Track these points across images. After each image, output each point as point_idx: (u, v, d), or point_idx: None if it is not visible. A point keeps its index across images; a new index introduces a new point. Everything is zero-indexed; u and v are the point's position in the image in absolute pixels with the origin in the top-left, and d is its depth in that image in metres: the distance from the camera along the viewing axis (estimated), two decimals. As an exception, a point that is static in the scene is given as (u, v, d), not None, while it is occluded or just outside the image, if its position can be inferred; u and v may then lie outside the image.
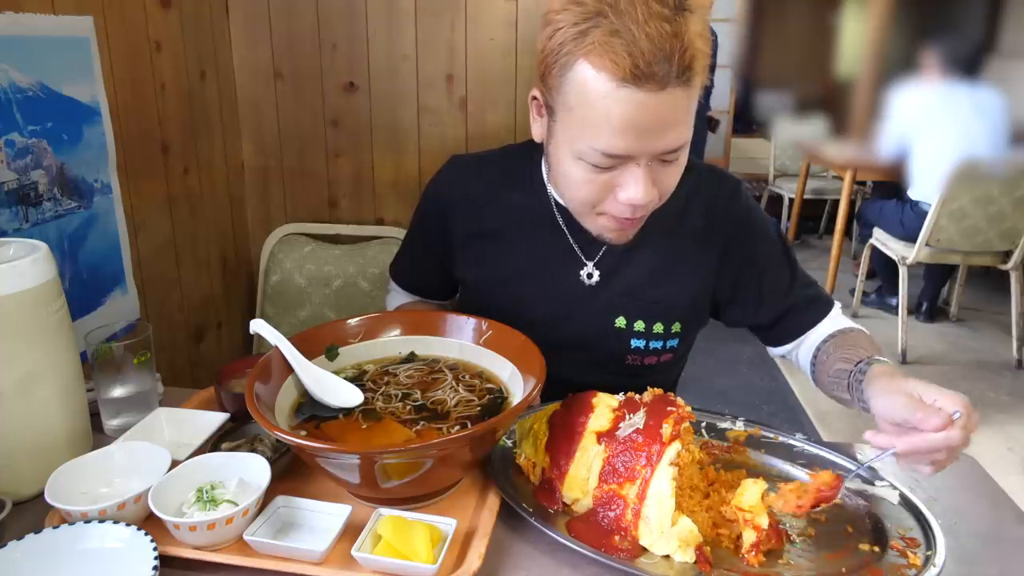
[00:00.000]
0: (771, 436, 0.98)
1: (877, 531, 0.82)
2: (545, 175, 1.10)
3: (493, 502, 0.83)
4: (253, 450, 0.88)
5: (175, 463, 0.83)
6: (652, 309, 1.09)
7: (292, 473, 0.89)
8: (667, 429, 0.80)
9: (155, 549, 0.72)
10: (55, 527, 0.75)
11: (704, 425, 1.00)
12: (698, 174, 1.09)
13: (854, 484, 0.88)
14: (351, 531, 0.76)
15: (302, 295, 1.92)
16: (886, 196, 3.65)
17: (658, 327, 1.10)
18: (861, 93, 3.55)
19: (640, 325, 1.10)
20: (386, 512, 0.78)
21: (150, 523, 0.77)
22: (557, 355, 0.90)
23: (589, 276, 1.10)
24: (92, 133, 1.35)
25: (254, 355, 1.51)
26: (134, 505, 0.78)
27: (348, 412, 0.89)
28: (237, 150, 1.93)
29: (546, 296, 1.11)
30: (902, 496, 0.86)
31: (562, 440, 0.86)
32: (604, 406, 0.87)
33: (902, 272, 3.32)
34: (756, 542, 0.78)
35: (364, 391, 0.93)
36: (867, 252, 3.66)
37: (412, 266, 1.28)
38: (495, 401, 0.91)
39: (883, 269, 3.78)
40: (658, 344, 1.11)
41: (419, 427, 0.86)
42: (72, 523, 0.76)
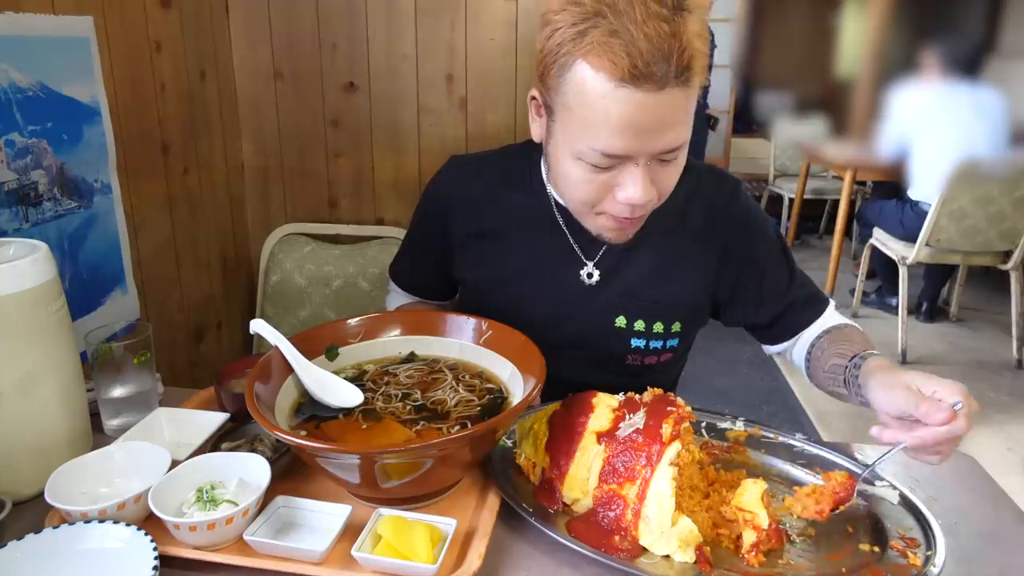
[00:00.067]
0: (771, 436, 0.98)
1: (877, 531, 0.82)
2: (545, 175, 1.10)
3: (493, 502, 0.83)
4: (253, 450, 0.88)
5: (175, 463, 0.83)
6: (652, 309, 1.09)
7: (292, 473, 0.89)
8: (667, 429, 0.80)
9: (155, 549, 0.72)
10: (55, 527, 0.75)
11: (704, 425, 1.00)
12: (697, 174, 1.09)
13: (854, 484, 0.88)
14: (351, 531, 0.76)
15: (302, 295, 1.92)
16: (886, 196, 3.65)
17: (658, 327, 1.10)
18: (861, 93, 3.55)
19: (640, 325, 1.10)
20: (386, 512, 0.78)
21: (150, 523, 0.77)
22: (557, 355, 0.91)
23: (589, 276, 1.10)
24: (92, 133, 1.35)
25: (254, 355, 1.51)
26: (134, 505, 0.78)
27: (348, 412, 0.89)
28: (237, 150, 1.93)
29: (546, 296, 1.11)
30: (902, 496, 0.86)
31: (562, 440, 0.86)
32: (604, 406, 0.87)
33: (902, 272, 3.32)
34: (756, 542, 0.78)
35: (364, 391, 0.93)
36: (867, 252, 3.66)
37: (412, 266, 1.28)
38: (495, 401, 0.91)
39: (883, 269, 3.78)
40: (658, 344, 1.11)
41: (419, 427, 0.86)
42: (72, 523, 0.76)
